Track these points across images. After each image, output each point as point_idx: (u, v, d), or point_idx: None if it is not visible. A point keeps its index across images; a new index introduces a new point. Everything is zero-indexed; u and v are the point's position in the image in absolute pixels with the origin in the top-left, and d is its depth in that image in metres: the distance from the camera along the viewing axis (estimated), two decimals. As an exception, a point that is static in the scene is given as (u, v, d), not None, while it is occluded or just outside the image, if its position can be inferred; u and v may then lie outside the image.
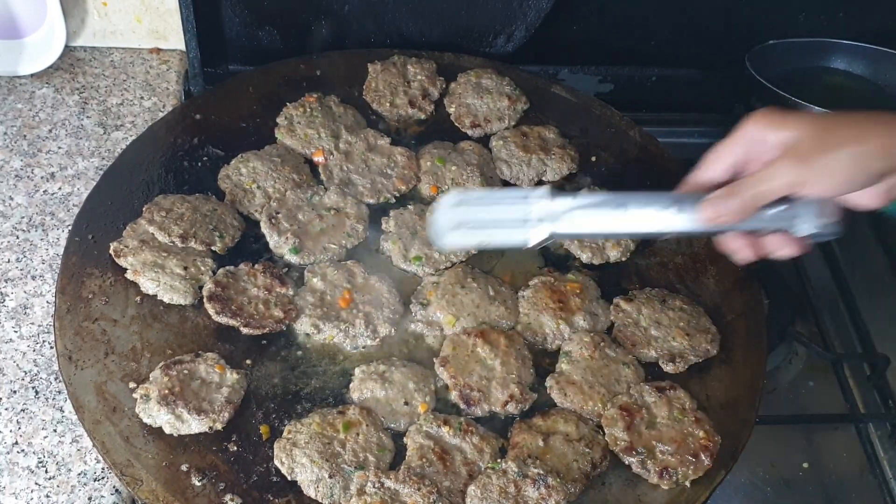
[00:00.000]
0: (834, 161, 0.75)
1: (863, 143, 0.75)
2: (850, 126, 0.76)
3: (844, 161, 0.75)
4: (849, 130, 0.76)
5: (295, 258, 1.12)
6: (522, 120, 1.35)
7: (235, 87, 1.34)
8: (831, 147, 0.75)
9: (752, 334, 1.13)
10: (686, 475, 0.97)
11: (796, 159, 0.76)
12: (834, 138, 0.76)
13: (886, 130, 0.75)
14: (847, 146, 0.75)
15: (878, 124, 0.76)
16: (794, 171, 0.76)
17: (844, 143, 0.75)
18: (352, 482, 0.93)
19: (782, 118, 0.79)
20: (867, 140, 0.75)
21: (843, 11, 1.51)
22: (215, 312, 1.04)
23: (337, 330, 1.05)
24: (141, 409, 0.95)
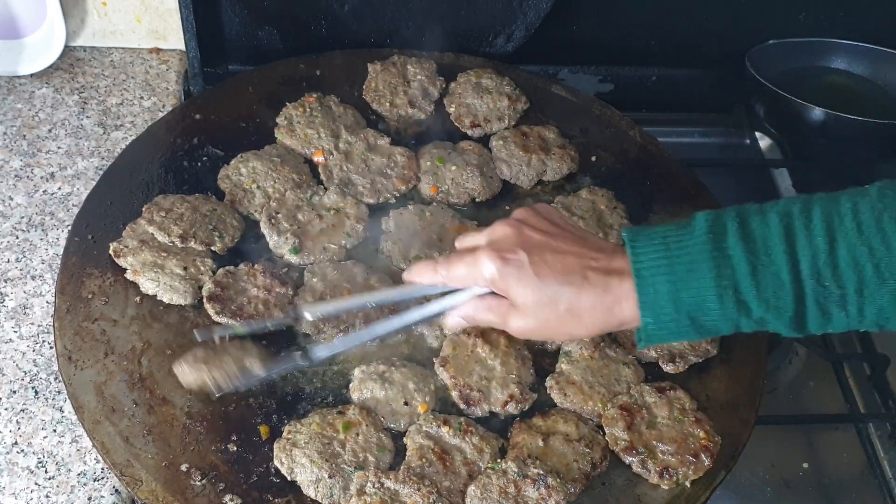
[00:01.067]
0: (540, 324, 0.87)
1: (571, 327, 0.85)
2: (563, 287, 0.84)
3: (551, 327, 0.87)
4: (559, 319, 0.85)
5: (295, 258, 1.12)
6: (522, 120, 1.34)
7: (235, 87, 1.34)
8: (544, 324, 0.87)
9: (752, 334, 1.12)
10: (686, 475, 0.97)
11: (513, 312, 0.88)
12: (548, 320, 0.86)
13: (588, 308, 0.84)
14: (556, 317, 0.85)
15: (580, 306, 0.84)
16: (531, 335, 0.94)
17: (555, 313, 0.85)
18: (352, 482, 0.93)
19: (516, 236, 0.88)
20: (574, 325, 0.85)
21: (843, 11, 1.51)
22: (215, 312, 1.03)
23: (337, 330, 1.05)
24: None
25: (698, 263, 0.77)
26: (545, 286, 0.83)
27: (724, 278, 0.77)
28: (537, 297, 0.83)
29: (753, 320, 0.78)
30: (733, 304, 0.77)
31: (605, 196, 1.24)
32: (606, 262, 0.83)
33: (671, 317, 0.79)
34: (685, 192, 1.28)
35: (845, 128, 1.41)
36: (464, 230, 1.17)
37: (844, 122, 1.40)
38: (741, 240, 0.77)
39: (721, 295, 0.77)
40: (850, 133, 1.42)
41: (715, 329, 0.80)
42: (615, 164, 1.32)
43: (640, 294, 0.79)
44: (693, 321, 0.79)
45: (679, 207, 1.26)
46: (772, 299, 0.76)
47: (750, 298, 0.76)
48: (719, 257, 0.77)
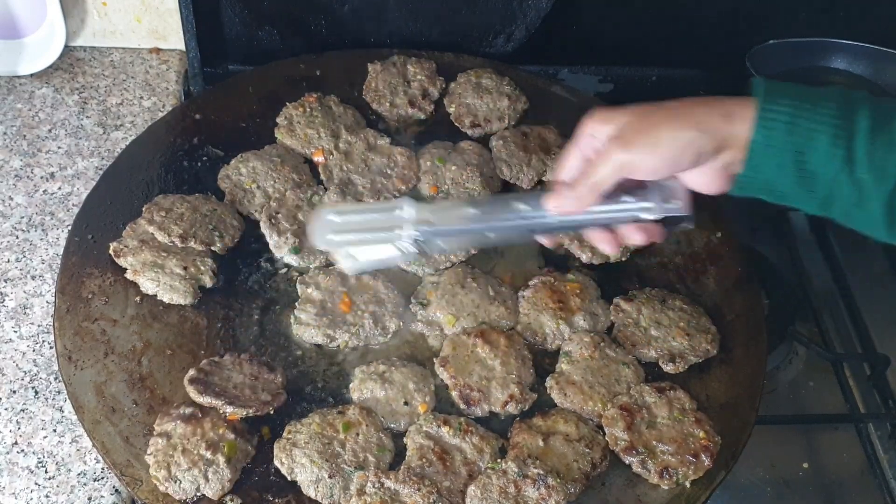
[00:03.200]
0: (653, 140, 0.80)
1: (677, 121, 0.80)
2: (668, 109, 0.82)
3: (663, 139, 0.80)
4: (666, 112, 0.81)
5: (294, 258, 1.12)
6: (522, 120, 1.35)
7: (235, 87, 1.34)
8: (649, 128, 0.81)
9: (752, 334, 1.13)
10: (686, 475, 0.97)
11: (619, 144, 0.81)
12: (652, 120, 0.81)
13: (703, 109, 0.80)
14: (663, 125, 0.80)
15: (696, 105, 0.81)
16: (619, 155, 0.81)
17: (660, 122, 0.80)
18: (352, 482, 0.93)
19: (610, 112, 0.84)
20: (682, 119, 0.80)
21: (843, 11, 1.51)
22: (198, 394, 0.96)
23: (349, 335, 1.05)
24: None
25: (825, 104, 0.77)
26: (646, 107, 0.83)
27: (843, 121, 0.76)
28: (642, 109, 0.83)
29: (854, 181, 0.77)
30: (843, 151, 0.76)
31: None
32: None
33: (782, 139, 0.77)
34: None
35: (845, 128, 1.41)
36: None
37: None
38: (869, 104, 0.77)
39: (835, 135, 0.76)
40: (850, 133, 1.42)
41: (813, 178, 0.78)
42: (615, 164, 1.31)
43: (762, 109, 0.78)
44: (799, 155, 0.77)
45: (679, 207, 1.26)
46: (879, 160, 0.75)
47: (860, 151, 0.76)
48: (845, 109, 0.77)
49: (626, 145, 0.81)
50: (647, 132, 0.80)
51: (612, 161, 0.81)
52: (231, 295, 1.09)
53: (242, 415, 0.95)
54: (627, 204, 0.84)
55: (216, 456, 0.91)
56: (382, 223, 0.87)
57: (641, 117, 0.82)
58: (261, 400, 0.97)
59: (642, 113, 0.82)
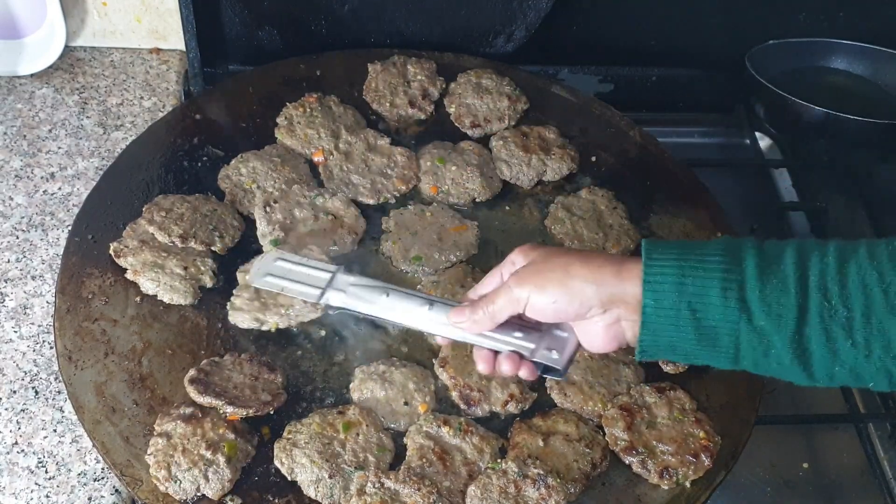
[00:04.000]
0: (542, 283, 0.83)
1: (571, 269, 0.83)
2: (570, 256, 0.85)
3: (550, 284, 0.83)
4: (566, 259, 0.84)
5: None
6: (522, 120, 1.35)
7: (235, 87, 1.34)
8: (545, 271, 0.84)
9: (753, 334, 1.13)
10: (686, 475, 0.97)
11: (516, 280, 0.85)
12: (551, 264, 0.84)
13: (598, 262, 0.83)
14: (557, 270, 0.83)
15: (595, 258, 0.84)
16: (513, 290, 0.85)
17: (556, 268, 0.83)
18: (352, 482, 0.93)
19: (530, 248, 0.88)
20: (575, 267, 0.82)
21: (843, 11, 1.51)
22: (198, 394, 0.96)
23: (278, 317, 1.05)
24: None
25: (709, 258, 0.78)
26: (557, 251, 0.87)
27: (731, 273, 0.77)
28: (549, 256, 0.85)
29: (754, 329, 0.77)
30: (736, 303, 0.76)
31: (605, 196, 1.25)
32: (611, 257, 0.86)
33: (672, 300, 0.78)
34: (685, 192, 1.28)
35: (845, 128, 1.41)
36: (464, 230, 1.18)
37: (844, 122, 1.40)
38: (754, 250, 0.78)
39: (725, 288, 0.76)
40: (850, 133, 1.42)
41: (713, 332, 0.78)
42: (615, 164, 1.32)
43: (646, 273, 0.79)
44: (693, 313, 0.78)
45: (679, 207, 1.26)
46: (774, 305, 0.75)
47: (753, 299, 0.76)
48: (730, 259, 0.77)
49: (520, 282, 0.84)
50: (541, 274, 0.84)
51: (506, 294, 0.85)
52: (231, 295, 1.09)
53: (242, 415, 0.95)
54: (512, 338, 0.88)
55: (216, 456, 0.91)
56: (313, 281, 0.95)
57: (546, 259, 0.85)
58: (261, 400, 0.97)
59: (549, 255, 0.86)
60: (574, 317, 0.84)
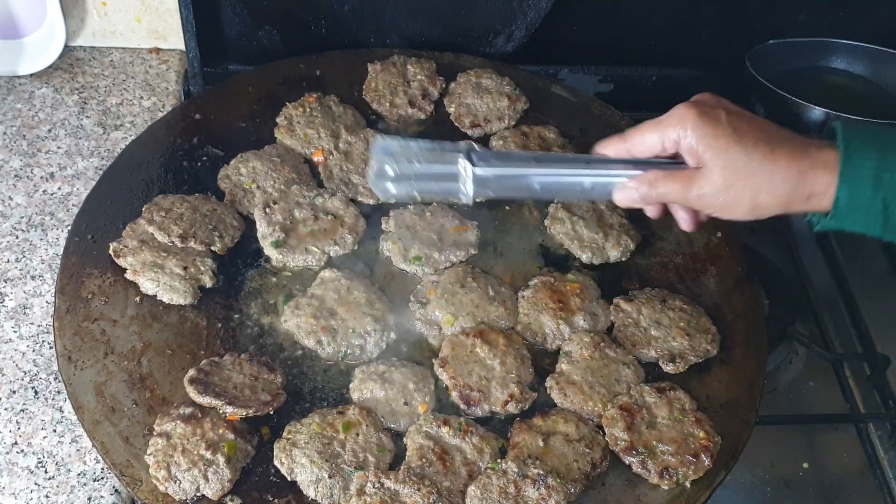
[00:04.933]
0: (729, 206, 0.82)
1: (757, 198, 0.80)
2: (754, 166, 0.80)
3: (741, 210, 0.82)
4: (747, 177, 0.81)
5: (274, 252, 1.12)
6: (522, 120, 1.34)
7: (235, 87, 1.34)
8: (732, 189, 0.81)
9: (752, 334, 1.13)
10: (686, 475, 0.97)
11: (697, 190, 0.83)
12: (736, 182, 0.81)
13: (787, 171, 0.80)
14: (744, 194, 0.81)
15: (784, 162, 0.80)
16: (690, 194, 0.83)
17: (744, 190, 0.81)
18: (352, 482, 0.93)
19: (705, 125, 0.82)
20: (762, 191, 0.80)
21: (843, 11, 1.51)
22: (198, 394, 0.95)
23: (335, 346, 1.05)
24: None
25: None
26: (740, 141, 0.80)
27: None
28: (730, 150, 0.80)
29: None
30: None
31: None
32: (803, 139, 0.81)
33: (867, 196, 0.76)
34: (685, 192, 1.28)
35: (845, 128, 1.41)
36: (464, 230, 1.17)
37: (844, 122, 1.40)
38: None
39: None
40: (850, 133, 1.42)
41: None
42: (615, 164, 1.31)
43: (844, 164, 0.76)
44: (886, 208, 0.76)
45: (679, 207, 1.26)
46: None
47: None
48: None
49: (700, 195, 0.82)
50: (728, 192, 0.81)
51: (682, 192, 0.84)
52: (231, 295, 1.09)
53: (242, 415, 0.95)
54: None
55: (216, 456, 0.91)
56: (446, 172, 0.87)
57: (728, 166, 0.81)
58: (261, 400, 0.97)
59: (729, 162, 0.81)
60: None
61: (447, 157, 0.88)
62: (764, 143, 0.79)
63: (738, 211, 0.82)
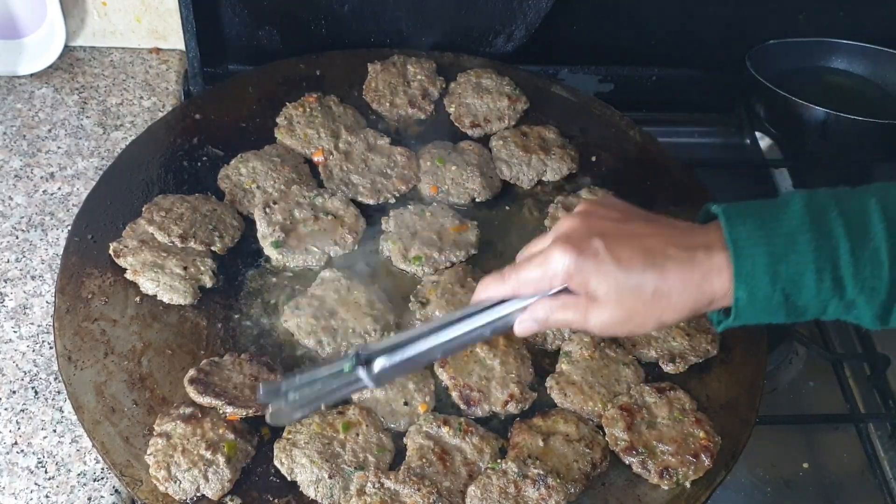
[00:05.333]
0: (621, 327, 0.82)
1: (661, 316, 0.80)
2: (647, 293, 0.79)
3: (634, 329, 0.82)
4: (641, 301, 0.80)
5: (274, 253, 1.11)
6: (522, 120, 1.34)
7: (235, 87, 1.34)
8: (625, 315, 0.81)
9: (752, 334, 1.13)
10: (686, 475, 0.97)
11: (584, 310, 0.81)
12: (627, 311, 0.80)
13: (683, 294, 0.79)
14: (639, 316, 0.80)
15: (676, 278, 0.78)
16: (616, 330, 0.82)
17: (637, 315, 0.80)
18: (352, 482, 0.93)
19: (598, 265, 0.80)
20: (660, 311, 0.80)
21: (843, 11, 1.51)
22: (198, 394, 0.95)
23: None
24: None
25: (799, 236, 0.74)
26: (627, 272, 0.77)
27: (823, 251, 0.73)
28: (620, 284, 0.77)
29: (844, 303, 0.74)
30: (830, 282, 0.73)
31: (605, 196, 1.24)
32: (687, 240, 0.79)
33: (766, 292, 0.75)
34: (685, 192, 1.28)
35: (845, 128, 1.41)
36: (464, 230, 1.17)
37: (844, 122, 1.40)
38: (840, 216, 0.73)
39: (820, 270, 0.73)
40: (850, 133, 1.42)
41: (804, 310, 0.76)
42: (615, 164, 1.31)
43: (737, 265, 0.74)
44: (787, 298, 0.75)
45: (679, 207, 1.25)
46: (868, 279, 0.73)
47: (847, 276, 0.73)
48: (819, 232, 0.73)
49: (602, 308, 0.80)
50: (631, 317, 0.80)
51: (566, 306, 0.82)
52: (231, 295, 1.09)
53: (242, 415, 0.95)
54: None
55: (216, 456, 0.91)
56: (340, 383, 0.84)
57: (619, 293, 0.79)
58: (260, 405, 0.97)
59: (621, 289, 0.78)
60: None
61: (336, 370, 0.84)
62: (651, 265, 0.77)
63: (643, 331, 0.82)
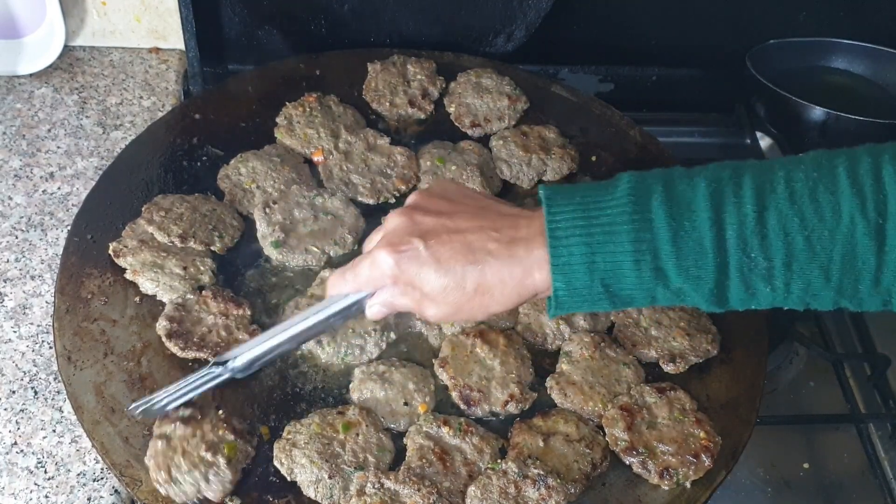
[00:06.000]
0: (447, 314, 0.82)
1: (486, 307, 0.81)
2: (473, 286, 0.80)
3: (461, 315, 0.82)
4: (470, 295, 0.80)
5: (274, 252, 1.11)
6: (522, 119, 1.34)
7: (235, 86, 1.34)
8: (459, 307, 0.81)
9: (753, 334, 1.13)
10: (687, 475, 0.97)
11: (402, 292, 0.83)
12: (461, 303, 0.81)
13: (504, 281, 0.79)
14: (472, 307, 0.81)
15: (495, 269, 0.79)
16: (450, 319, 0.89)
17: (471, 306, 0.81)
18: (352, 483, 0.93)
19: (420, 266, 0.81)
20: (486, 301, 0.80)
21: (843, 11, 1.51)
22: (179, 349, 0.99)
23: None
24: None
25: (617, 226, 0.72)
26: (447, 271, 0.78)
27: (642, 243, 0.72)
28: (442, 282, 0.79)
29: (671, 291, 0.74)
30: (650, 272, 0.73)
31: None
32: (511, 232, 0.78)
33: (584, 282, 0.74)
34: (685, 192, 1.28)
35: (845, 128, 1.41)
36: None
37: (844, 122, 1.40)
38: (664, 203, 0.72)
39: (638, 261, 0.72)
40: (850, 133, 1.42)
41: (629, 299, 0.75)
42: (615, 164, 1.31)
43: (553, 257, 0.74)
44: (607, 289, 0.74)
45: (679, 207, 1.26)
46: (692, 268, 0.72)
47: (669, 266, 0.72)
48: (639, 221, 0.72)
49: (432, 302, 0.81)
50: (458, 311, 0.81)
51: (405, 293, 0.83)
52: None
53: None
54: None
55: (216, 457, 0.91)
56: (197, 382, 0.89)
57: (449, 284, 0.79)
58: (240, 340, 0.99)
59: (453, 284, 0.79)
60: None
61: (199, 376, 0.89)
62: (471, 262, 0.78)
63: (477, 319, 0.85)
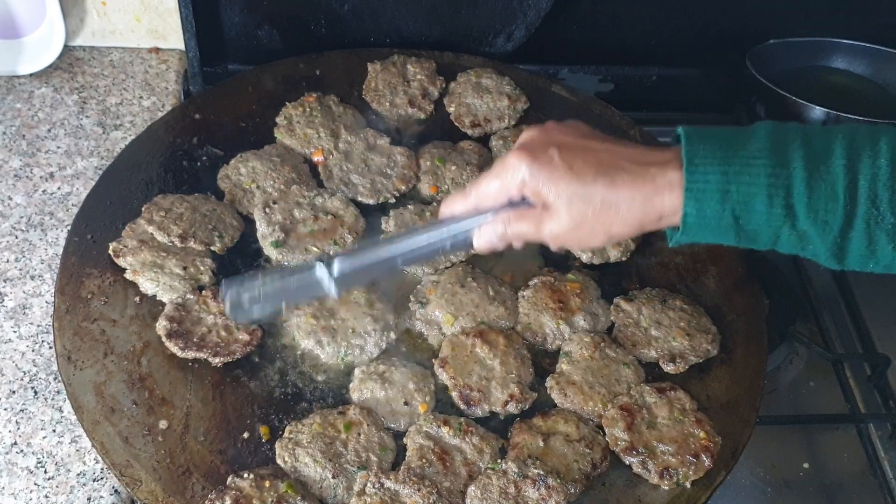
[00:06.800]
0: (578, 239, 0.84)
1: (610, 228, 0.81)
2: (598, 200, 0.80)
3: (590, 240, 0.83)
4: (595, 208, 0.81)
5: (274, 252, 1.11)
6: (522, 119, 1.34)
7: (235, 86, 1.34)
8: (579, 226, 0.82)
9: (753, 334, 1.13)
10: (687, 475, 0.97)
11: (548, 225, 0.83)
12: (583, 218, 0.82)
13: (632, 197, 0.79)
14: (596, 227, 0.82)
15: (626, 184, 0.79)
16: (567, 239, 0.85)
17: (594, 225, 0.82)
18: (355, 482, 0.93)
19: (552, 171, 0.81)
20: (612, 218, 0.80)
21: (843, 11, 1.51)
22: (179, 349, 1.00)
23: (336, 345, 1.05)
24: None
25: (755, 160, 0.74)
26: (578, 179, 0.79)
27: (778, 178, 0.73)
28: (571, 191, 0.79)
29: (797, 233, 0.75)
30: (781, 209, 0.74)
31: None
32: (644, 156, 0.80)
33: (715, 210, 0.75)
34: (685, 191, 1.28)
35: (845, 128, 1.41)
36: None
37: (844, 122, 1.40)
38: (802, 146, 0.74)
39: (771, 196, 0.73)
40: (850, 133, 1.42)
41: (755, 235, 0.76)
42: (615, 164, 1.31)
43: (688, 182, 0.75)
44: (736, 220, 0.75)
45: (679, 207, 1.26)
46: (821, 211, 0.73)
47: (799, 206, 0.73)
48: (777, 158, 0.74)
49: (554, 216, 0.81)
50: (580, 226, 0.81)
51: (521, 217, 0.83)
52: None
53: (229, 360, 0.99)
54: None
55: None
56: (301, 283, 0.89)
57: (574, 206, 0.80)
58: (240, 341, 1.01)
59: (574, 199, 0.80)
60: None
61: (300, 269, 0.89)
62: (603, 175, 0.79)
63: (594, 242, 0.83)
